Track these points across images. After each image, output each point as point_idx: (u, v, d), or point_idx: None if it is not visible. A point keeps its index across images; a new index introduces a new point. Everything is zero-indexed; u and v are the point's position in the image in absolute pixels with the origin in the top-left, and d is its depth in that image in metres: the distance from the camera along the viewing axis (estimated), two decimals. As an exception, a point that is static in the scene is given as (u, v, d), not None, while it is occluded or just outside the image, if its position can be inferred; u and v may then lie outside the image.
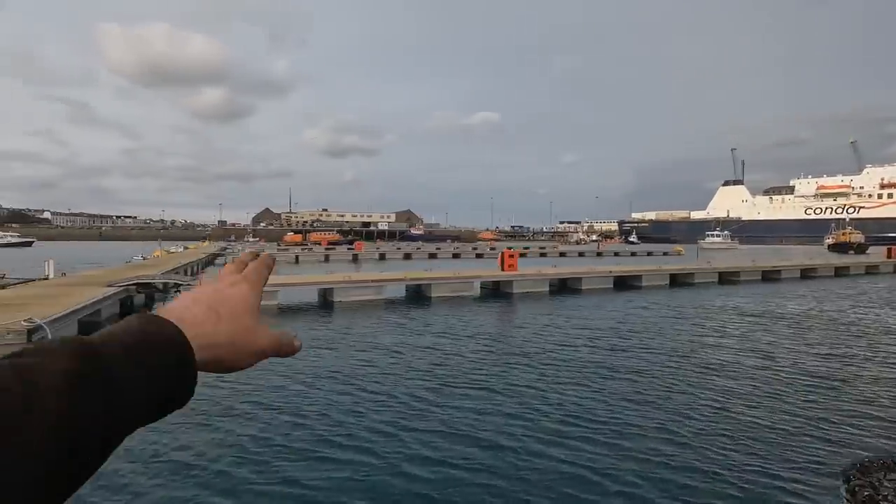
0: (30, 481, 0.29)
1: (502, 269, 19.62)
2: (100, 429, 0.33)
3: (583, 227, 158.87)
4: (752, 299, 18.02)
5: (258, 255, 0.54)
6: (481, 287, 19.52)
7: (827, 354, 9.48)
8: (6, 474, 0.28)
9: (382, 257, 44.50)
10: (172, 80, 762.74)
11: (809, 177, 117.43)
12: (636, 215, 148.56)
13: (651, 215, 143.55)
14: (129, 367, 0.35)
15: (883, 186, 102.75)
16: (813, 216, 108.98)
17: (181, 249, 39.59)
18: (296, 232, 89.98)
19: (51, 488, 0.30)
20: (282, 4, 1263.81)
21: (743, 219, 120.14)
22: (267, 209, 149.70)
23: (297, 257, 40.57)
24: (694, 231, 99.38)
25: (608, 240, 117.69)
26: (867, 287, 22.49)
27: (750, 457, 5.06)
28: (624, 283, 22.09)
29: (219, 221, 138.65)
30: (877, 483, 3.78)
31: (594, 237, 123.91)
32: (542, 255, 50.38)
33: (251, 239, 77.37)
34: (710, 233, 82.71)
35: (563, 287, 20.66)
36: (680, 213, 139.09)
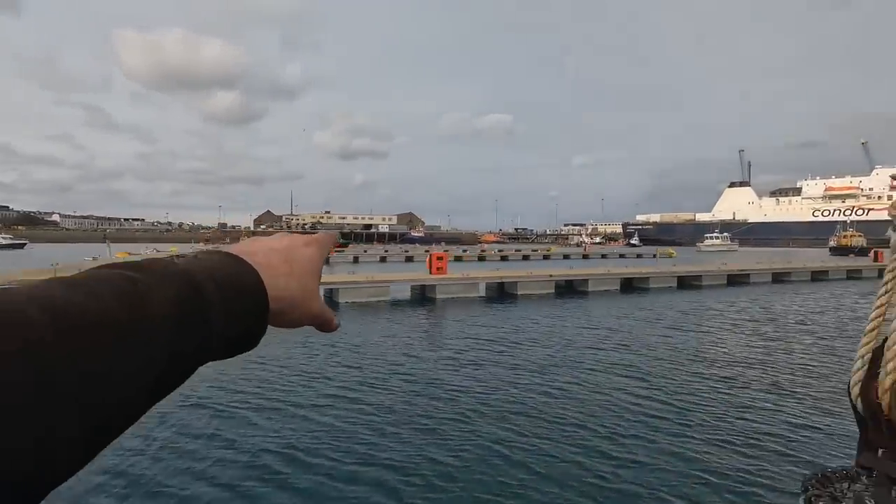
0: (126, 393, 0.28)
1: (430, 273, 18.40)
2: (189, 361, 0.33)
3: (587, 229, 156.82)
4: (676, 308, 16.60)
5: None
6: (412, 290, 18.38)
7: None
8: (116, 377, 0.27)
9: (356, 260, 43.50)
10: (186, 85, 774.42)
11: (817, 178, 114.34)
12: (641, 217, 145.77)
13: (655, 217, 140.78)
14: (220, 307, 0.35)
15: (893, 188, 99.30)
16: (821, 218, 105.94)
17: (151, 252, 38.75)
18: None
19: (140, 403, 0.30)
20: (295, 9, 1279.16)
21: (749, 220, 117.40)
22: (268, 211, 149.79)
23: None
24: (699, 233, 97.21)
25: (611, 242, 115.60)
26: (798, 294, 20.86)
27: (703, 470, 4.77)
28: (571, 288, 20.71)
29: (219, 224, 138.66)
30: (838, 494, 2.98)
31: (597, 239, 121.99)
32: (525, 258, 48.92)
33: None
34: (708, 235, 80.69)
35: (501, 291, 19.37)
36: (685, 215, 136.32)
